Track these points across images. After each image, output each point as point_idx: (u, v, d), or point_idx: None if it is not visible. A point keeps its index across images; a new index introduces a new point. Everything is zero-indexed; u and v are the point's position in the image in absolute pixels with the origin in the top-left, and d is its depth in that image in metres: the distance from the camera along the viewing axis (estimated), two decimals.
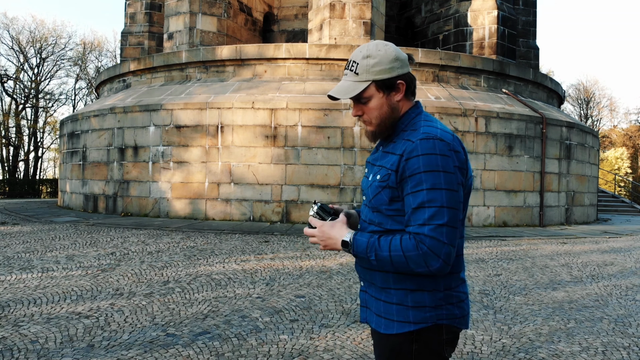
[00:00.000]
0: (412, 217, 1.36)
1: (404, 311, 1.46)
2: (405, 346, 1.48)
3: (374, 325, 1.54)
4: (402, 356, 1.49)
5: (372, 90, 1.49)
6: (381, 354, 1.54)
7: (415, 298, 1.46)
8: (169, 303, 4.55)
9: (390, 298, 1.48)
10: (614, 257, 7.89)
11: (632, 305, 4.97)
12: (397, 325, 1.47)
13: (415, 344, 1.47)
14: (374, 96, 1.49)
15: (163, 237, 8.47)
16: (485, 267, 6.66)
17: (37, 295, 4.76)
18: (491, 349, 3.62)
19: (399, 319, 1.47)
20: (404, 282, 1.46)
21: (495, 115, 11.08)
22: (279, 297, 4.81)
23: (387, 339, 1.50)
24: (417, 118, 1.53)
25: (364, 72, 1.48)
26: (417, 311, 1.46)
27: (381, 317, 1.50)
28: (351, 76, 1.50)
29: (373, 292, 1.54)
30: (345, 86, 1.50)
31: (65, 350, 3.39)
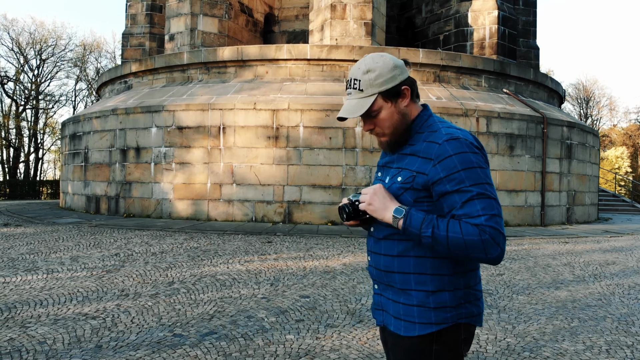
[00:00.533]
0: (462, 210, 1.37)
1: (426, 312, 1.47)
2: (425, 347, 1.48)
3: (392, 328, 1.53)
4: (423, 357, 1.49)
5: (379, 102, 1.50)
6: (400, 357, 1.53)
7: (436, 299, 1.47)
8: (175, 304, 4.57)
9: (411, 300, 1.48)
10: (616, 256, 7.92)
11: (635, 304, 5.00)
12: (419, 327, 1.47)
13: (436, 344, 1.48)
14: (383, 108, 1.50)
15: (166, 238, 8.50)
16: (487, 266, 6.69)
17: (43, 296, 4.78)
18: (496, 348, 3.65)
19: (420, 320, 1.47)
20: (425, 284, 1.47)
21: (496, 115, 11.11)
22: (283, 298, 4.83)
23: (408, 341, 1.49)
24: (431, 120, 1.55)
25: (368, 86, 1.49)
26: (438, 312, 1.47)
27: (400, 320, 1.50)
28: (356, 94, 1.50)
29: (390, 294, 1.53)
30: (352, 104, 1.51)
31: (74, 351, 3.42)
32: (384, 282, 1.55)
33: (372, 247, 1.59)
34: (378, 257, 1.55)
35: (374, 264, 1.57)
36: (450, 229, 1.36)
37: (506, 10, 15.25)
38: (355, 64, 1.58)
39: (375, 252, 1.57)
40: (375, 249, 1.56)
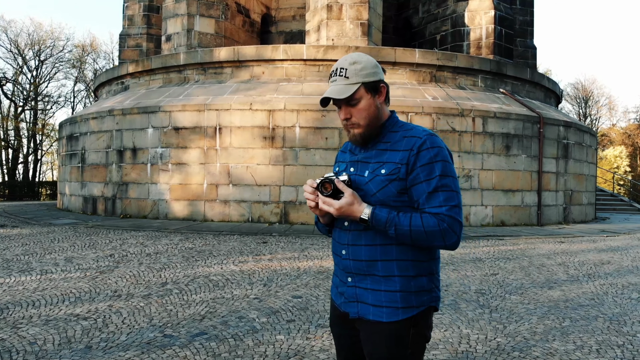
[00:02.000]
0: (428, 200, 1.50)
1: (408, 297, 1.55)
2: (404, 332, 1.55)
3: (371, 317, 1.56)
4: (400, 341, 1.55)
5: (361, 91, 1.59)
6: (377, 344, 1.57)
7: (417, 283, 1.57)
8: (167, 304, 4.57)
9: (394, 286, 1.55)
10: (611, 255, 7.92)
11: (628, 304, 5.00)
12: (402, 311, 1.55)
13: (413, 328, 1.57)
14: (363, 98, 1.59)
15: (162, 239, 8.50)
16: (482, 266, 6.69)
17: (35, 297, 4.78)
18: (486, 347, 3.65)
19: (403, 305, 1.55)
20: (407, 270, 1.56)
21: (492, 115, 11.11)
22: (276, 298, 4.84)
23: (388, 327, 1.55)
24: (401, 122, 1.66)
25: (353, 75, 1.58)
26: (418, 296, 1.57)
27: (382, 307, 1.55)
28: (341, 80, 1.59)
29: (369, 284, 1.57)
30: (337, 89, 1.59)
31: (64, 352, 3.42)
32: (363, 273, 1.58)
33: (349, 240, 1.61)
34: (358, 248, 1.59)
35: (352, 257, 1.60)
36: (413, 222, 1.48)
37: (503, 10, 15.26)
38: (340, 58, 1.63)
39: (354, 244, 1.60)
40: (355, 241, 1.60)
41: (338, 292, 1.68)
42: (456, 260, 7.05)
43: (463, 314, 4.46)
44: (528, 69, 13.75)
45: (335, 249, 1.67)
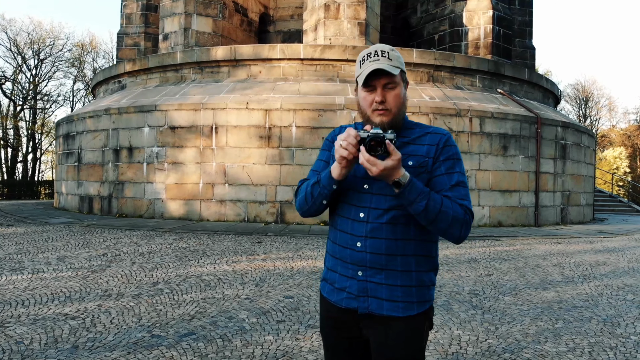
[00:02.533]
0: (452, 192, 1.55)
1: (423, 291, 1.59)
2: (420, 324, 1.59)
3: (385, 311, 1.55)
4: (417, 335, 1.59)
5: (399, 77, 1.60)
6: (394, 339, 1.55)
7: (429, 278, 1.63)
8: (157, 304, 4.54)
9: (411, 280, 1.57)
10: (607, 256, 7.88)
11: (622, 305, 4.96)
12: (417, 305, 1.58)
13: (426, 321, 1.62)
14: (399, 84, 1.60)
15: (156, 238, 8.46)
16: (477, 267, 6.65)
17: (25, 296, 4.75)
18: (477, 349, 3.61)
19: (418, 299, 1.58)
20: (422, 265, 1.60)
21: (489, 116, 11.07)
22: (267, 298, 4.80)
23: (405, 322, 1.56)
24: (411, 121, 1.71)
25: (395, 60, 1.59)
26: (431, 289, 1.63)
27: (397, 302, 1.55)
28: (385, 61, 1.56)
29: (384, 278, 1.55)
30: (386, 65, 1.55)
31: (50, 352, 3.38)
32: (380, 267, 1.55)
33: (367, 232, 1.56)
34: (379, 241, 1.54)
35: (369, 250, 1.55)
36: (444, 203, 1.50)
37: (501, 10, 15.21)
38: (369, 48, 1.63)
39: (374, 237, 1.55)
40: (375, 234, 1.55)
41: (336, 288, 1.62)
42: (451, 261, 7.01)
43: (455, 315, 4.42)
44: (526, 70, 13.71)
45: (346, 242, 1.59)
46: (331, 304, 1.65)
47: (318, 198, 1.60)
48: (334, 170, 1.52)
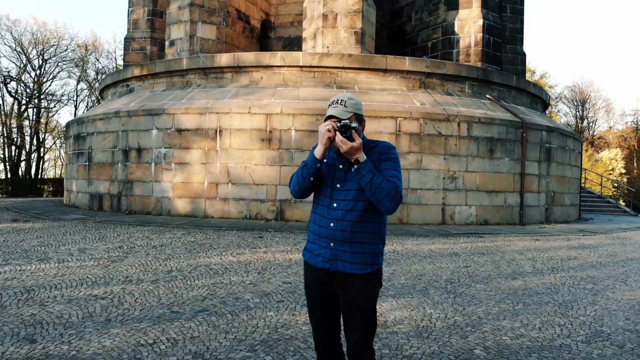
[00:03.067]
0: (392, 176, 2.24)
1: (374, 257, 2.31)
2: (372, 280, 2.32)
3: (349, 270, 2.26)
4: (371, 287, 2.31)
5: (353, 117, 2.29)
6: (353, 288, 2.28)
7: (379, 248, 2.35)
8: (173, 288, 5.24)
9: (366, 249, 2.29)
10: (580, 252, 8.58)
11: (580, 293, 5.66)
12: (370, 266, 2.30)
13: (375, 279, 2.33)
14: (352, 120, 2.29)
15: (165, 233, 9.17)
16: (457, 260, 7.36)
17: (56, 281, 5.45)
18: (444, 324, 4.32)
19: (371, 262, 2.30)
20: (374, 238, 2.31)
21: (477, 120, 11.78)
22: (268, 283, 5.51)
23: (362, 278, 2.28)
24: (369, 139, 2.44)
25: (350, 107, 2.30)
26: (380, 257, 2.35)
27: (357, 264, 2.27)
28: (342, 107, 2.29)
29: (348, 248, 2.27)
30: (339, 112, 2.29)
31: (87, 324, 4.08)
32: (345, 240, 2.28)
33: (338, 217, 2.30)
34: (345, 223, 2.27)
35: (339, 229, 2.28)
36: (384, 182, 2.19)
37: (491, 20, 15.93)
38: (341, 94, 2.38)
39: (342, 220, 2.28)
40: (342, 218, 2.28)
41: (314, 254, 2.35)
42: (434, 255, 7.72)
43: (430, 298, 5.13)
44: (514, 76, 14.42)
45: (322, 222, 2.33)
46: (311, 266, 2.39)
47: (307, 176, 2.31)
48: (317, 151, 2.26)
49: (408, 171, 11.41)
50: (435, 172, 11.52)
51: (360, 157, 2.18)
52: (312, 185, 2.36)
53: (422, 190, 11.46)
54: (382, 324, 4.25)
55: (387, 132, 11.34)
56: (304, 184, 2.35)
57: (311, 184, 2.35)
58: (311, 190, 2.40)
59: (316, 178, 2.34)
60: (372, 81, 12.26)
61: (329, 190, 2.34)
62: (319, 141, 2.25)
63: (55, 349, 3.54)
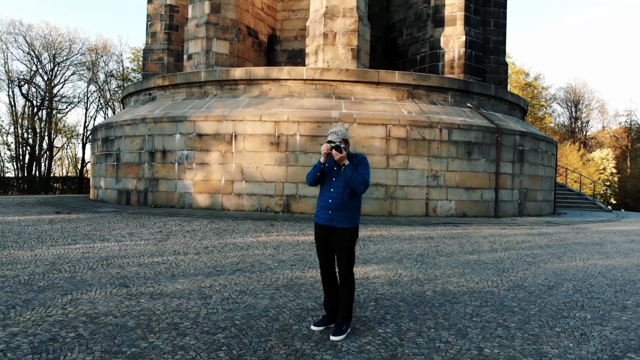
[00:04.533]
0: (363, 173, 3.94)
1: (354, 219, 4.05)
2: (352, 232, 4.06)
3: (339, 224, 4.03)
4: (352, 235, 4.06)
5: (342, 141, 4.11)
6: (343, 238, 4.07)
7: (356, 214, 4.12)
8: (212, 257, 7.08)
9: (348, 214, 4.01)
10: (535, 238, 10.41)
11: (518, 263, 7.47)
12: (351, 224, 4.04)
13: (354, 231, 4.10)
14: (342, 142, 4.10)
15: (193, 222, 11.02)
16: (431, 242, 9.20)
17: (123, 253, 7.27)
18: (409, 279, 6.14)
19: (352, 222, 4.04)
20: (354, 209, 4.05)
21: (456, 127, 13.62)
22: (283, 254, 7.35)
23: (347, 230, 4.01)
24: (351, 152, 4.21)
25: (341, 135, 4.08)
26: (357, 219, 4.11)
27: (343, 221, 3.99)
28: (335, 136, 4.09)
29: (339, 213, 4.01)
30: (334, 137, 4.08)
31: (159, 277, 5.90)
32: (337, 209, 4.06)
33: (333, 197, 4.08)
34: (338, 200, 4.03)
35: (334, 203, 4.07)
36: (359, 175, 3.91)
37: (473, 36, 17.78)
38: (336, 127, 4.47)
39: (335, 198, 4.07)
40: (335, 197, 4.06)
41: (320, 217, 4.17)
42: (414, 238, 9.56)
43: (403, 264, 6.96)
44: (492, 87, 16.25)
45: (324, 200, 4.12)
46: (317, 224, 4.22)
47: (316, 172, 4.17)
48: (321, 159, 4.12)
49: (396, 170, 13.26)
50: (420, 172, 13.37)
51: (345, 162, 4.02)
52: (319, 178, 4.21)
53: (408, 187, 13.31)
54: (365, 277, 6.08)
55: (379, 137, 13.18)
56: (314, 177, 4.21)
57: (318, 177, 4.20)
58: (319, 181, 4.25)
59: (321, 174, 4.19)
60: (366, 92, 14.10)
61: (329, 181, 4.18)
62: (322, 154, 4.10)
63: (145, 290, 5.35)
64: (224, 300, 4.94)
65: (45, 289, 5.21)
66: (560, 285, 6.10)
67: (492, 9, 20.46)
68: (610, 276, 6.74)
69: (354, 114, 13.24)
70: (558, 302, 5.29)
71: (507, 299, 5.34)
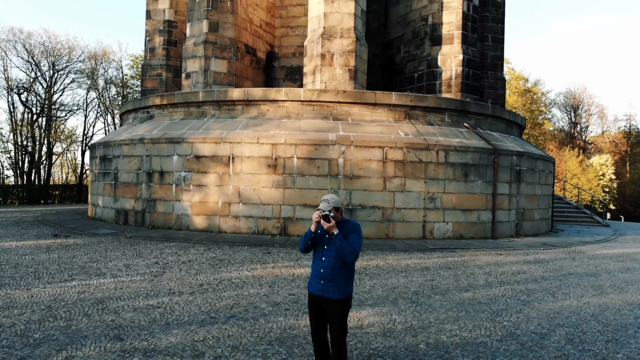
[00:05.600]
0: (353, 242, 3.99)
1: (346, 290, 4.08)
2: (345, 303, 4.10)
3: (331, 295, 4.06)
4: (345, 307, 4.10)
5: (332, 210, 4.12)
6: (335, 309, 4.09)
7: (349, 283, 4.14)
8: (207, 298, 7.10)
9: (340, 285, 4.05)
10: (530, 267, 10.42)
11: (513, 303, 7.49)
12: (343, 295, 4.07)
13: (346, 302, 4.11)
14: (332, 211, 4.11)
15: (190, 249, 11.04)
16: (426, 274, 9.22)
17: (118, 294, 7.29)
18: (403, 327, 6.16)
19: (344, 292, 4.07)
20: (346, 279, 4.07)
21: (453, 149, 13.65)
22: (277, 295, 7.37)
23: (339, 302, 4.04)
24: (344, 219, 4.24)
25: (331, 203, 4.11)
26: (350, 289, 4.13)
27: (335, 292, 4.02)
28: (325, 204, 4.12)
29: (330, 283, 4.05)
30: (325, 206, 4.11)
31: (153, 327, 5.92)
32: (329, 279, 4.09)
33: (325, 266, 4.12)
34: (329, 269, 4.08)
35: (325, 273, 4.10)
36: (348, 245, 3.97)
37: (470, 54, 17.81)
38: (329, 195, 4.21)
39: (327, 267, 4.10)
40: (327, 267, 4.10)
41: (313, 286, 4.19)
42: (410, 269, 9.59)
43: (397, 307, 6.98)
44: (490, 106, 16.27)
45: (317, 268, 4.16)
46: (310, 293, 4.24)
47: (307, 241, 4.22)
48: (312, 227, 4.14)
49: (393, 193, 13.28)
50: (417, 194, 13.40)
51: (334, 231, 4.04)
52: (311, 245, 4.24)
53: (405, 209, 13.34)
54: (359, 326, 6.10)
55: (376, 160, 13.21)
56: (305, 244, 4.24)
57: (309, 245, 4.23)
58: (311, 248, 4.27)
59: (312, 241, 4.21)
60: (364, 113, 14.13)
61: (321, 249, 4.20)
62: (313, 222, 4.12)
63: (139, 344, 5.38)
64: (217, 358, 4.96)
65: (41, 343, 5.24)
66: (552, 333, 6.12)
67: (490, 24, 20.50)
68: (603, 320, 6.76)
69: (350, 136, 13.28)
70: (549, 356, 5.32)
71: (499, 353, 5.37)
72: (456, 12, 17.36)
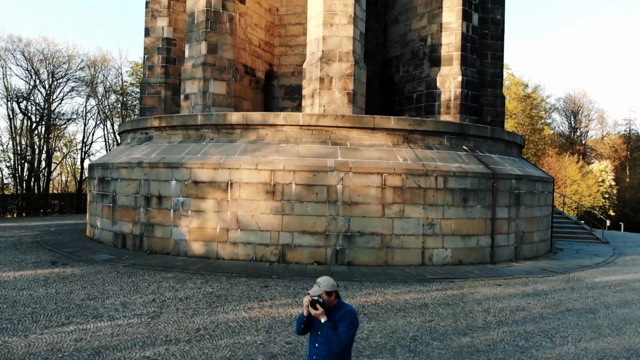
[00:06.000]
0: (341, 332, 3.93)
1: None
2: None
3: None
4: None
5: (323, 294, 4.06)
6: None
7: None
8: (204, 348, 7.06)
9: None
10: (529, 302, 10.36)
11: (512, 350, 7.46)
12: None
13: None
14: (322, 296, 4.06)
15: (187, 282, 11.01)
16: (425, 313, 9.18)
17: (115, 342, 7.25)
18: None
19: None
20: None
21: (452, 174, 13.62)
22: (275, 343, 7.33)
23: None
24: (340, 303, 4.18)
25: (323, 287, 4.09)
26: None
27: None
28: (316, 288, 4.08)
29: None
30: (315, 290, 4.07)
31: None
32: None
33: (317, 352, 4.08)
34: (321, 356, 4.05)
35: (317, 358, 4.06)
36: (334, 335, 3.94)
37: (469, 75, 17.78)
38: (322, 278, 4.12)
39: (319, 354, 4.07)
40: (319, 353, 4.06)
41: None
42: (408, 307, 9.55)
43: (395, 357, 6.95)
44: (489, 128, 16.23)
45: (310, 355, 4.13)
46: None
47: (300, 325, 4.21)
48: (304, 311, 4.10)
49: (392, 219, 13.25)
50: (415, 220, 13.37)
51: (322, 319, 4.00)
52: (305, 328, 4.21)
53: (404, 235, 13.31)
54: None
55: (374, 186, 13.18)
56: (299, 327, 4.24)
57: (303, 328, 4.20)
58: (307, 330, 4.24)
59: (308, 322, 4.18)
60: (362, 137, 14.09)
61: (315, 333, 4.17)
62: (304, 307, 4.08)
63: None
64: None
65: None
66: None
67: (489, 42, 20.48)
68: None
69: (349, 162, 13.25)
70: None
71: None
72: (455, 34, 17.34)
